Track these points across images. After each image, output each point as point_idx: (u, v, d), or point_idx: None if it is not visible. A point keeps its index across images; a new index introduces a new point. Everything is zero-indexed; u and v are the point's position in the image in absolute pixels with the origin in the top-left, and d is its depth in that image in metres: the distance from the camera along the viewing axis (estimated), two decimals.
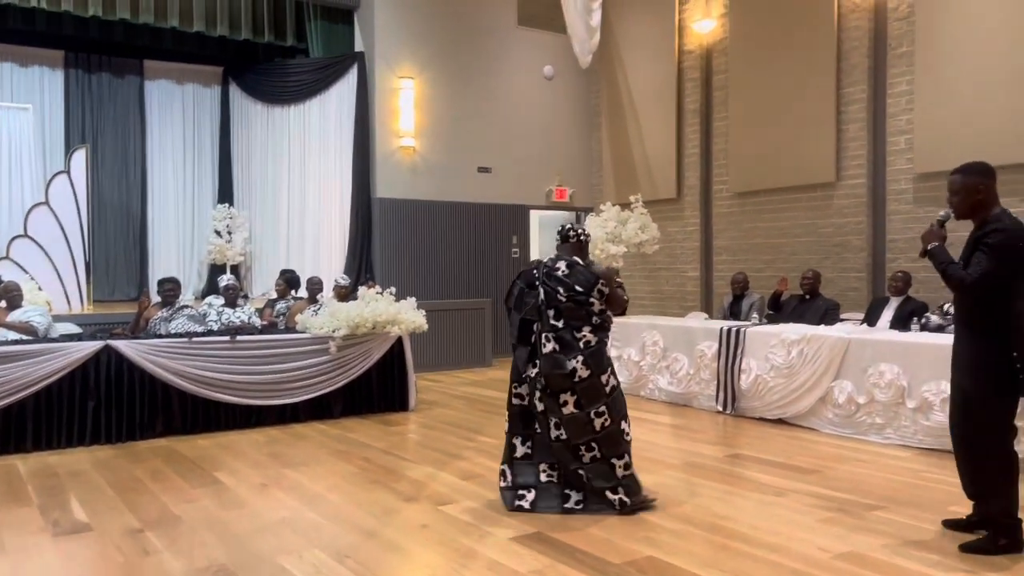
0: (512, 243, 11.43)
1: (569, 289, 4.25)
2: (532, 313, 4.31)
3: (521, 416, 4.41)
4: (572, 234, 4.51)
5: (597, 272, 4.35)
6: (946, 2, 7.69)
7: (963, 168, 3.64)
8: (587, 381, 4.17)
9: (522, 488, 4.33)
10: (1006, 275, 3.44)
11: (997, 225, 3.48)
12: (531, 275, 4.40)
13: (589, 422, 4.18)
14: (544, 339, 4.21)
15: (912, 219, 8.05)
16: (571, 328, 4.21)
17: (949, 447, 5.35)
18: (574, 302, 4.23)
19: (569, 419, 4.19)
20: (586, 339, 4.21)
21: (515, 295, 4.43)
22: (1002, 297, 3.46)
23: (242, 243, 10.73)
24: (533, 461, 4.37)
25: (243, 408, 6.52)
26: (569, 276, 4.29)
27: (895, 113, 8.22)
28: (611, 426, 4.22)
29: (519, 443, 4.42)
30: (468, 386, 8.74)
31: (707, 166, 10.36)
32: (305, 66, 10.89)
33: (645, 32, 10.99)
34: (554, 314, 4.24)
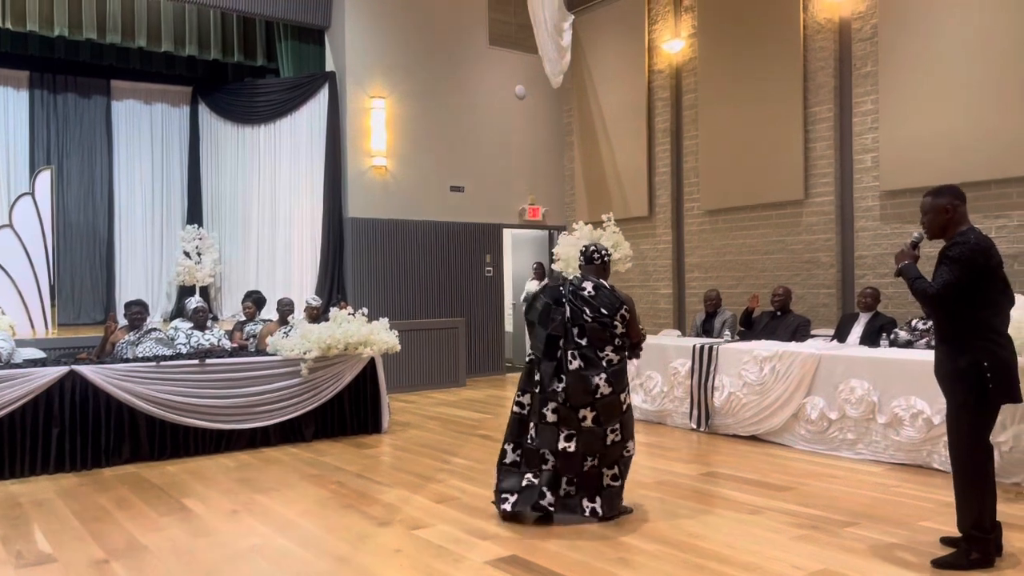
0: (486, 262, 11.42)
1: (595, 311, 4.44)
2: (558, 329, 4.46)
3: (518, 424, 4.57)
4: (596, 256, 4.71)
5: (621, 298, 4.54)
6: (908, 23, 7.86)
7: (934, 190, 3.78)
8: (608, 398, 4.36)
9: (504, 493, 4.51)
10: (970, 286, 3.51)
11: (960, 239, 3.58)
12: (557, 291, 4.57)
13: (603, 437, 4.38)
14: (570, 356, 4.39)
15: (879, 236, 8.17)
16: (594, 347, 4.40)
17: (919, 462, 5.44)
18: (599, 323, 4.42)
19: (587, 432, 4.36)
20: (609, 358, 4.42)
21: (539, 310, 4.56)
22: (968, 308, 3.53)
23: (212, 264, 10.61)
24: (519, 470, 4.52)
25: (212, 433, 6.41)
26: (595, 298, 4.48)
27: (861, 132, 8.36)
28: (619, 442, 4.44)
29: (509, 449, 4.59)
30: (442, 407, 8.68)
31: (678, 184, 10.45)
32: (275, 86, 10.84)
33: (615, 52, 11.10)
34: (578, 332, 4.42)
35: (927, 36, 7.71)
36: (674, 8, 10.37)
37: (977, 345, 3.51)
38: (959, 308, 3.56)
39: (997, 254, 3.59)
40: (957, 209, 3.67)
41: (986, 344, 3.51)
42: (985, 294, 3.54)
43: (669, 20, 10.40)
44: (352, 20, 10.30)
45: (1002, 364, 3.50)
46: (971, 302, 3.53)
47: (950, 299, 3.54)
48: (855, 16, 8.38)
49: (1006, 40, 7.17)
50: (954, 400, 3.59)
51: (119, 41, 9.84)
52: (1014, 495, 4.70)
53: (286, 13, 10.20)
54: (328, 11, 10.45)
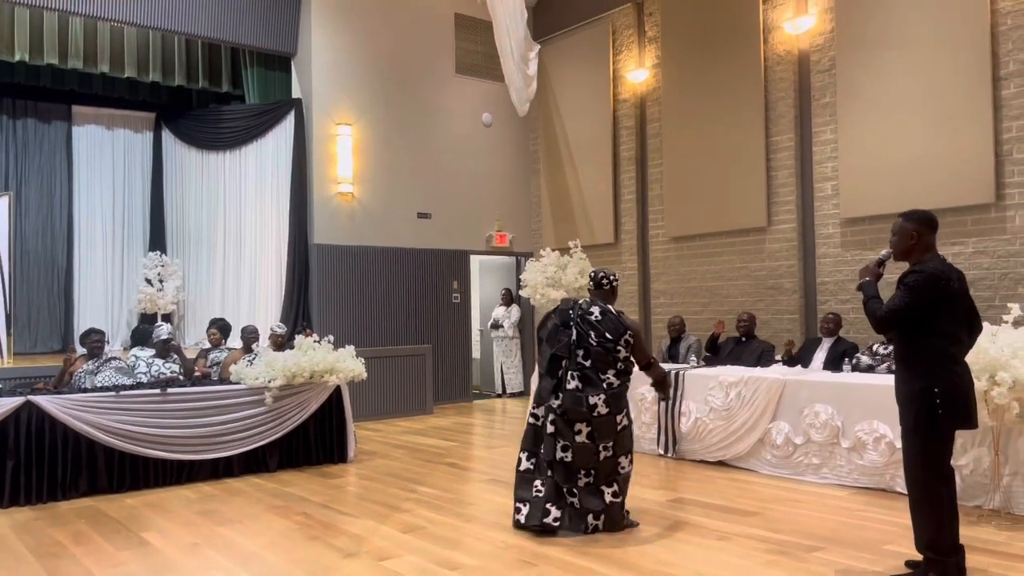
0: (453, 288, 11.40)
1: (600, 335, 4.69)
2: (563, 350, 4.73)
3: (533, 434, 4.85)
4: (605, 282, 4.95)
5: (626, 324, 4.78)
6: (864, 56, 8.08)
7: (906, 213, 3.82)
8: (604, 418, 4.62)
9: (518, 501, 4.79)
10: (923, 314, 3.56)
11: (917, 267, 3.64)
12: (567, 314, 4.82)
13: (596, 453, 4.63)
14: (569, 376, 4.66)
15: (840, 262, 8.33)
16: (597, 369, 4.66)
17: (883, 486, 5.50)
18: (603, 348, 4.68)
19: (580, 446, 4.63)
20: (609, 381, 4.67)
21: (549, 328, 4.84)
22: (922, 335, 3.58)
23: (174, 291, 10.45)
24: (532, 477, 4.78)
25: (173, 464, 6.26)
26: (601, 322, 4.73)
27: (821, 160, 8.55)
28: (611, 458, 4.65)
29: (524, 458, 4.86)
30: (409, 435, 8.60)
31: (643, 211, 10.57)
32: (241, 112, 10.78)
33: (581, 81, 11.24)
34: (583, 355, 4.69)
35: (883, 69, 7.94)
36: (638, 39, 10.56)
37: (930, 371, 3.55)
38: (914, 334, 3.61)
39: (958, 285, 3.62)
40: (922, 236, 3.72)
41: (939, 371, 3.54)
42: (939, 323, 3.56)
43: (633, 50, 10.58)
44: (319, 47, 10.32)
45: (954, 391, 3.53)
46: (925, 330, 3.58)
47: (894, 324, 3.61)
48: (814, 48, 8.60)
49: (959, 74, 7.40)
50: (906, 424, 3.65)
51: (81, 66, 9.73)
52: (976, 517, 4.77)
53: (252, 40, 10.18)
54: (295, 38, 10.46)
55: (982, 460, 4.95)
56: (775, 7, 8.92)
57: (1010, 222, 7.18)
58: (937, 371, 3.54)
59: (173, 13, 9.57)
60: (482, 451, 7.77)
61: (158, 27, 9.59)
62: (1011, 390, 4.52)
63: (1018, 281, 7.12)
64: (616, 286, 4.99)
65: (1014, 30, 7.13)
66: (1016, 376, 4.50)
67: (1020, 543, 4.27)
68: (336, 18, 10.44)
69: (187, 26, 9.70)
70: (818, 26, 8.55)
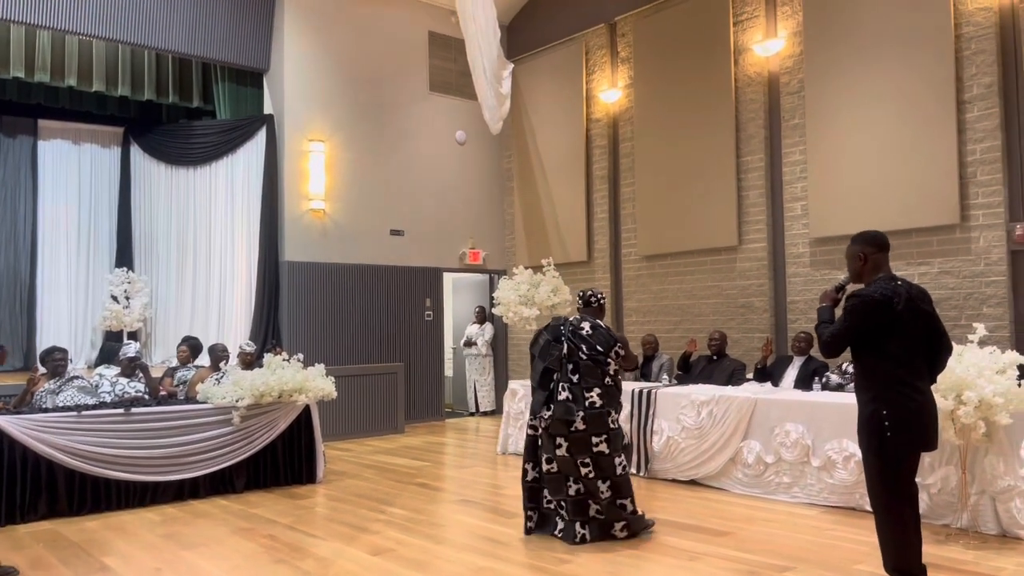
0: (426, 306, 11.34)
1: (591, 348, 4.94)
2: (555, 364, 4.96)
3: (532, 445, 5.08)
4: (593, 300, 5.26)
5: (615, 336, 5.07)
6: (832, 79, 8.21)
7: (855, 236, 3.84)
8: (579, 434, 4.81)
9: (529, 510, 5.06)
10: (867, 338, 3.57)
11: (860, 291, 3.63)
12: (558, 330, 5.06)
13: (576, 467, 4.84)
14: (560, 387, 4.90)
15: (810, 281, 8.41)
16: (582, 387, 4.87)
17: (852, 504, 5.52)
18: (593, 361, 4.91)
19: (561, 459, 4.87)
20: (592, 400, 4.86)
21: (541, 344, 5.08)
22: (870, 359, 3.60)
23: (141, 309, 10.26)
24: (540, 487, 5.03)
25: (137, 485, 6.12)
26: (592, 336, 4.99)
27: (791, 181, 8.64)
28: (592, 479, 4.83)
29: (529, 468, 5.09)
30: (380, 455, 8.50)
31: (616, 230, 10.61)
32: (212, 127, 10.68)
33: (554, 100, 11.30)
34: (572, 368, 4.92)
35: (851, 91, 8.07)
36: (611, 59, 10.65)
37: (880, 395, 3.55)
38: (863, 358, 3.63)
39: (906, 306, 3.55)
40: (869, 257, 3.73)
41: (888, 394, 3.53)
42: (887, 346, 3.54)
43: (606, 70, 10.66)
44: (291, 63, 10.27)
45: (904, 413, 3.51)
46: (874, 353, 3.58)
47: (836, 348, 3.64)
48: (783, 70, 8.73)
49: (924, 98, 7.54)
50: (862, 446, 3.67)
51: (48, 80, 9.58)
52: (944, 536, 4.80)
53: (224, 55, 10.11)
54: (267, 54, 10.40)
55: (949, 479, 4.99)
56: (745, 29, 9.05)
57: (974, 243, 7.30)
58: (887, 395, 3.54)
59: (144, 27, 9.48)
60: (454, 471, 7.70)
61: (128, 41, 9.49)
62: (977, 409, 4.56)
63: (983, 301, 7.23)
64: (604, 303, 5.31)
65: (977, 55, 7.29)
66: (982, 395, 4.54)
67: (988, 562, 4.29)
68: (309, 34, 10.41)
69: (158, 41, 9.61)
70: (787, 48, 8.68)
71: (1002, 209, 7.16)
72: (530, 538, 5.03)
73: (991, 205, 7.22)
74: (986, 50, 7.24)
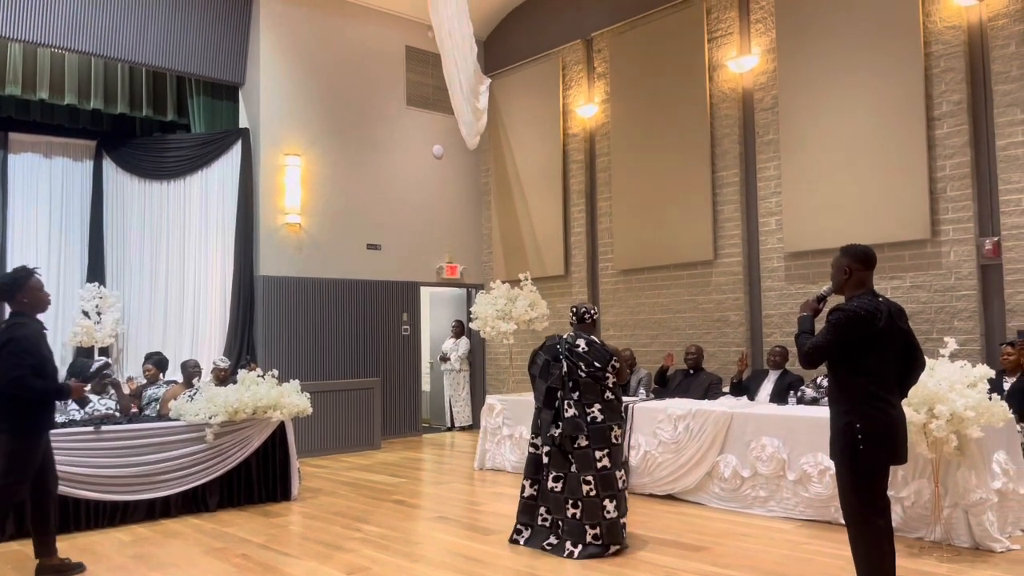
0: (403, 320, 11.29)
1: (589, 365, 5.09)
2: (556, 383, 5.13)
3: (534, 463, 5.25)
4: (587, 316, 5.39)
5: (610, 350, 5.22)
6: (806, 96, 8.31)
7: (843, 248, 3.85)
8: (583, 450, 4.99)
9: (520, 525, 5.20)
10: (846, 352, 3.59)
11: (843, 305, 3.66)
12: (555, 350, 5.22)
13: (580, 484, 4.97)
14: (566, 405, 5.06)
15: (785, 295, 8.47)
16: (583, 404, 5.04)
17: (827, 518, 5.54)
18: (592, 377, 5.07)
19: (572, 476, 5.00)
20: (593, 415, 5.04)
21: (540, 365, 5.25)
22: (847, 372, 3.62)
23: (112, 324, 10.11)
24: (536, 503, 5.18)
25: (107, 505, 6.01)
26: (589, 352, 5.14)
27: (765, 196, 8.73)
28: (595, 497, 4.94)
29: (527, 485, 5.25)
30: (356, 471, 8.42)
31: (593, 244, 10.64)
32: (186, 141, 10.59)
33: (531, 115, 11.34)
34: (572, 386, 5.09)
35: (824, 107, 8.17)
36: (587, 74, 10.71)
37: (854, 408, 3.57)
38: (840, 371, 3.65)
39: (886, 322, 3.57)
40: (854, 272, 3.76)
41: (862, 408, 3.55)
42: (865, 360, 3.57)
43: (583, 86, 10.73)
44: (267, 77, 10.23)
45: (877, 427, 3.54)
46: (851, 367, 3.59)
47: (817, 360, 3.65)
48: (757, 87, 8.83)
49: (896, 114, 7.66)
50: (835, 459, 3.68)
51: (19, 92, 9.45)
52: (918, 549, 4.83)
53: (198, 69, 10.04)
54: (243, 67, 10.35)
55: (922, 492, 5.02)
56: (720, 46, 9.15)
57: (945, 257, 7.40)
58: (860, 408, 3.56)
59: (117, 40, 9.40)
60: (431, 487, 7.64)
61: (101, 54, 9.40)
62: (949, 423, 4.61)
63: (954, 315, 7.33)
64: (597, 319, 5.53)
65: (946, 72, 7.42)
66: (953, 409, 4.59)
67: (961, 575, 4.32)
68: (285, 48, 10.38)
69: (131, 54, 9.54)
70: (761, 65, 8.79)
71: (972, 224, 7.27)
72: (506, 555, 5.00)
73: (961, 220, 7.33)
74: (955, 68, 7.38)
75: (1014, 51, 7.08)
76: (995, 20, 7.22)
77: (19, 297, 4.77)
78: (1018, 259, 7.02)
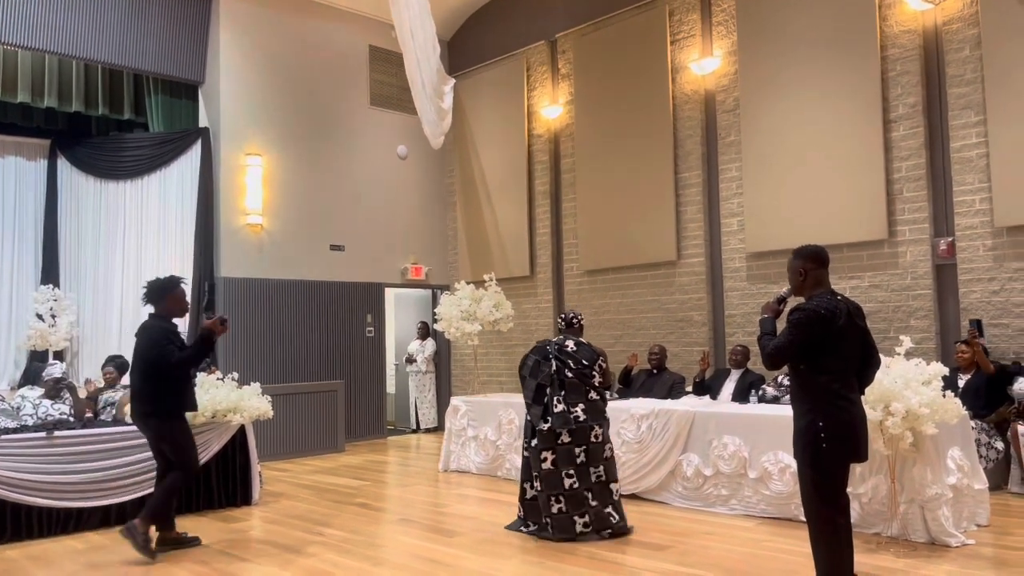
0: (367, 322, 11.20)
1: (577, 363, 5.45)
2: (545, 380, 5.44)
3: (528, 466, 5.53)
4: (575, 321, 5.84)
5: (596, 350, 5.60)
6: (766, 98, 8.41)
7: (795, 251, 3.89)
8: (565, 446, 5.32)
9: (528, 522, 5.51)
10: (806, 351, 3.63)
11: (803, 304, 3.70)
12: (544, 350, 5.56)
13: (560, 480, 5.31)
14: (555, 401, 5.38)
15: (747, 295, 8.56)
16: (567, 403, 5.37)
17: (787, 515, 5.60)
18: (579, 376, 5.41)
19: (547, 473, 5.33)
20: (576, 414, 5.36)
21: (530, 365, 5.56)
22: (808, 371, 3.66)
23: (67, 327, 9.88)
24: (538, 502, 5.43)
25: (60, 512, 5.86)
26: (577, 352, 5.52)
27: (727, 197, 8.81)
28: (577, 488, 5.30)
29: (528, 487, 5.52)
30: (318, 474, 8.32)
31: (558, 245, 10.66)
32: (144, 140, 10.39)
33: (496, 116, 11.32)
34: (559, 385, 5.41)
35: (784, 110, 8.27)
36: (552, 75, 10.73)
37: (816, 407, 3.61)
38: (801, 370, 3.68)
39: (846, 320, 3.62)
40: (809, 273, 3.80)
41: (824, 406, 3.59)
42: (825, 359, 3.61)
43: (547, 87, 10.74)
44: (227, 76, 10.08)
45: (839, 425, 3.58)
46: (812, 366, 3.63)
47: (780, 360, 3.68)
48: (719, 89, 8.91)
49: (854, 117, 7.78)
50: (797, 457, 3.72)
51: None
52: (875, 545, 4.90)
53: (156, 67, 9.87)
54: (202, 66, 10.19)
55: (879, 489, 5.10)
56: (682, 48, 9.22)
57: (901, 257, 7.54)
58: (823, 406, 3.60)
59: (72, 37, 9.19)
60: (395, 490, 7.58)
61: (55, 51, 9.19)
62: (904, 420, 4.68)
63: (910, 314, 7.46)
64: (583, 324, 5.90)
65: (902, 75, 7.56)
66: (909, 406, 4.66)
67: (917, 570, 4.39)
68: (246, 46, 10.24)
69: (87, 51, 9.33)
70: (723, 67, 8.87)
71: (927, 225, 7.41)
72: (470, 556, 4.97)
73: (917, 221, 7.46)
74: (911, 71, 7.51)
75: (968, 55, 7.23)
76: (949, 24, 7.37)
77: (163, 302, 5.37)
78: (971, 259, 7.17)
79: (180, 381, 5.31)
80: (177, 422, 5.32)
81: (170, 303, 5.38)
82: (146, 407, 5.24)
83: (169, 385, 5.24)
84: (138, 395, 5.29)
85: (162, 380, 5.21)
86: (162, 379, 5.21)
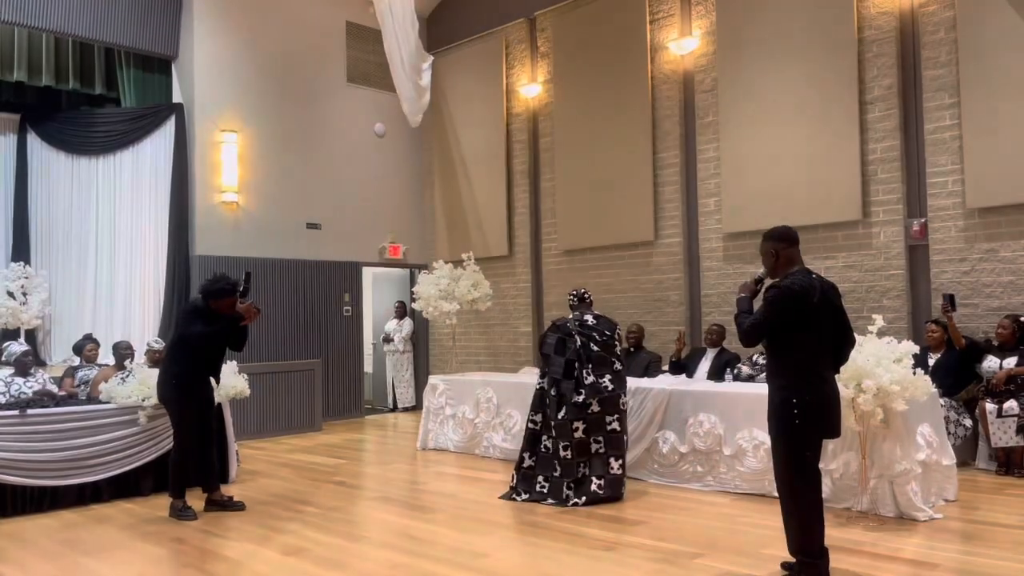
0: (345, 301, 11.15)
1: (601, 335, 5.80)
2: (573, 355, 5.73)
3: (532, 437, 5.87)
4: (587, 296, 6.18)
5: (612, 321, 6.00)
6: (744, 78, 8.43)
7: (766, 233, 3.94)
8: (595, 415, 5.66)
9: (517, 491, 5.81)
10: (781, 329, 3.69)
11: (779, 282, 3.76)
12: (566, 328, 5.84)
13: (587, 446, 5.67)
14: (585, 373, 5.70)
15: (723, 275, 8.63)
16: (597, 374, 5.68)
17: (761, 491, 5.69)
18: (603, 347, 5.75)
19: (578, 442, 5.64)
20: (605, 384, 5.68)
21: (552, 344, 5.82)
22: (782, 349, 3.71)
23: (39, 305, 9.74)
24: (534, 473, 5.78)
25: (34, 491, 5.81)
26: (598, 324, 5.88)
27: (705, 177, 8.84)
28: (603, 453, 5.66)
29: (527, 456, 5.86)
30: (296, 453, 8.32)
31: (536, 225, 10.66)
32: (116, 116, 10.21)
33: (475, 94, 11.26)
34: (587, 358, 5.71)
35: (761, 90, 8.30)
36: (531, 53, 10.67)
37: (791, 384, 3.67)
38: (777, 347, 3.74)
39: (820, 298, 3.68)
40: (781, 253, 3.85)
41: (799, 383, 3.65)
42: (800, 336, 3.67)
43: (526, 65, 10.69)
44: (202, 51, 9.92)
45: (812, 402, 3.65)
46: (787, 343, 3.69)
47: (756, 338, 3.74)
48: (697, 69, 8.92)
49: (830, 98, 7.83)
50: (771, 433, 3.78)
51: None
52: (845, 519, 5.00)
53: (128, 41, 9.68)
54: (175, 40, 10.02)
55: (850, 464, 5.19)
56: (661, 28, 9.21)
57: (875, 238, 7.63)
58: (797, 383, 3.66)
59: (41, 9, 8.99)
60: (373, 468, 7.60)
61: (24, 24, 8.99)
62: (876, 396, 4.76)
63: (883, 293, 7.56)
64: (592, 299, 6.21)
65: (879, 57, 7.61)
66: (880, 383, 4.74)
67: (886, 544, 4.49)
68: (220, 21, 10.08)
69: (56, 23, 9.14)
70: (701, 47, 8.87)
71: (900, 206, 7.50)
72: (448, 533, 5.00)
73: (890, 202, 7.55)
74: (887, 53, 7.57)
75: (943, 37, 7.29)
76: (926, 7, 7.42)
77: (215, 301, 5.63)
78: (943, 240, 7.28)
79: (194, 357, 5.59)
80: (184, 397, 5.61)
81: (218, 306, 5.65)
82: (166, 374, 5.66)
83: (186, 355, 5.57)
84: (164, 362, 5.80)
85: (181, 351, 5.58)
86: (181, 350, 5.57)
